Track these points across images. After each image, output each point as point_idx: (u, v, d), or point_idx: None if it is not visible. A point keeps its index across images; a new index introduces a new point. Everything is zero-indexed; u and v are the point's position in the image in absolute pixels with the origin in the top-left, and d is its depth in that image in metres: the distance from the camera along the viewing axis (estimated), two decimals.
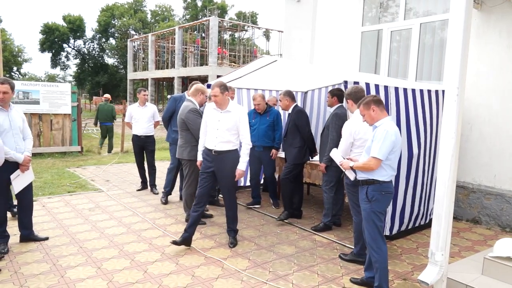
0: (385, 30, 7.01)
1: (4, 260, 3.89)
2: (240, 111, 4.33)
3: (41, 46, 45.35)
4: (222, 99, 4.25)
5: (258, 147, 5.84)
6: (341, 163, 3.58)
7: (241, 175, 4.35)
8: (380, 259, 3.27)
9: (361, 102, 3.38)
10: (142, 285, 3.46)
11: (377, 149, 3.18)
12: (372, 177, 3.28)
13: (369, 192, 3.29)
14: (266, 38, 35.69)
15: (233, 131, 4.30)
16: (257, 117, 5.90)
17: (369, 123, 3.38)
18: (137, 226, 5.03)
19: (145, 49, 30.47)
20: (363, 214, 3.37)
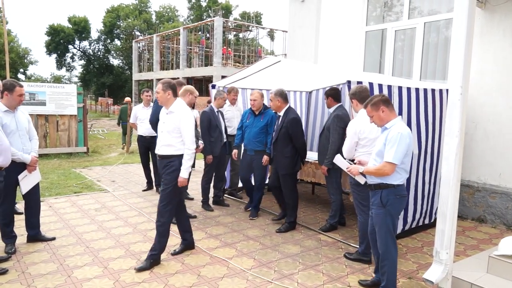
0: (390, 30, 7.00)
1: (11, 260, 3.94)
2: (182, 112, 3.84)
3: (47, 48, 45.67)
4: (163, 97, 3.84)
5: (250, 151, 5.45)
6: (349, 169, 3.41)
7: (182, 183, 3.84)
8: (389, 263, 3.21)
9: (368, 103, 3.23)
10: (148, 285, 3.49)
11: (392, 153, 3.02)
12: (386, 182, 3.14)
13: (383, 196, 3.15)
14: (270, 38, 35.70)
15: (174, 133, 3.82)
16: (251, 117, 5.49)
17: (378, 124, 3.24)
18: (143, 226, 5.07)
19: (150, 50, 30.59)
20: (376, 220, 3.23)
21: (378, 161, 3.17)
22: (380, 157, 3.15)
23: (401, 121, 3.22)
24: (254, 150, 5.38)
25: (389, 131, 3.14)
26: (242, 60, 27.49)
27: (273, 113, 5.32)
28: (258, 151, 5.36)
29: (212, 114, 5.69)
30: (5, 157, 3.65)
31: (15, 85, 4.01)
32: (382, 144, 3.14)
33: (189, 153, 3.84)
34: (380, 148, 3.16)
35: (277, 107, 4.94)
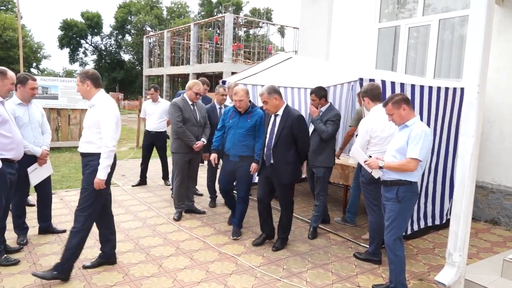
0: (403, 27, 6.90)
1: (23, 251, 3.98)
2: (102, 105, 3.43)
3: (60, 42, 46.09)
4: (82, 89, 3.50)
5: (233, 156, 4.53)
6: (368, 163, 3.31)
7: (98, 185, 3.38)
8: (396, 260, 3.22)
9: (389, 101, 3.25)
10: (157, 279, 3.49)
11: (417, 150, 3.06)
12: (404, 178, 3.17)
13: (399, 192, 3.19)
14: (280, 35, 35.57)
15: (94, 129, 3.43)
16: (235, 116, 4.57)
17: (398, 122, 3.25)
18: (152, 220, 5.08)
19: (161, 45, 30.69)
20: (390, 215, 3.25)
21: (399, 157, 3.18)
22: (401, 154, 3.17)
23: (420, 121, 3.28)
24: (239, 156, 4.48)
25: (411, 128, 3.17)
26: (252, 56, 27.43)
27: (262, 112, 4.55)
28: (244, 157, 4.49)
29: (212, 111, 5.65)
30: (17, 150, 3.67)
31: (28, 78, 4.04)
32: (404, 142, 3.15)
33: (106, 151, 3.35)
34: (402, 145, 3.17)
35: (275, 106, 4.10)
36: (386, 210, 3.31)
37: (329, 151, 4.75)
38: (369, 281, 3.63)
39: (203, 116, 5.24)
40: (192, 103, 5.10)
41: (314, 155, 4.70)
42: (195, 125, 5.08)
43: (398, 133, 3.29)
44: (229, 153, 4.58)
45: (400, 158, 3.18)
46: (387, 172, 3.25)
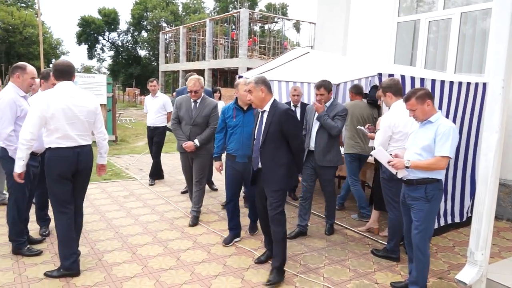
0: (423, 20, 6.78)
1: (45, 242, 4.07)
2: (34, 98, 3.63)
3: (78, 39, 46.84)
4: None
5: (241, 157, 4.12)
6: (393, 163, 3.14)
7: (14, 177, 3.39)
8: (424, 260, 3.14)
9: (411, 96, 3.11)
10: (175, 272, 3.54)
11: (447, 147, 2.95)
12: (432, 176, 3.07)
13: (428, 191, 3.07)
14: (296, 30, 35.37)
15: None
16: (239, 114, 4.18)
17: (420, 118, 3.12)
18: (170, 214, 5.14)
19: (177, 41, 30.85)
20: (419, 215, 3.11)
21: (425, 155, 3.06)
22: (427, 152, 3.05)
23: (442, 115, 3.18)
24: (248, 157, 3.95)
25: (436, 125, 3.05)
26: (267, 52, 27.34)
27: None
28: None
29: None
30: (40, 143, 3.75)
31: (51, 74, 4.11)
32: (430, 139, 3.03)
33: (21, 142, 3.22)
34: (428, 143, 3.04)
35: (259, 99, 3.46)
36: (413, 210, 3.16)
37: (338, 149, 4.53)
38: (387, 278, 3.60)
39: (205, 116, 4.73)
40: (193, 100, 4.78)
41: (322, 154, 4.39)
42: (187, 123, 4.75)
43: (420, 129, 3.15)
44: (235, 154, 4.14)
45: (426, 156, 3.05)
46: (412, 171, 3.11)
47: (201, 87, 4.73)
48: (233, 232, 4.32)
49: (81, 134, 3.37)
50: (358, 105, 5.30)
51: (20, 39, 39.24)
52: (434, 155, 3.01)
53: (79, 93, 3.40)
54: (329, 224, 4.73)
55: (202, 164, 4.83)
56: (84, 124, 3.39)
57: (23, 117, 3.58)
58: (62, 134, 3.26)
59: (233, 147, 4.18)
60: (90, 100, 3.46)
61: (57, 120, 3.23)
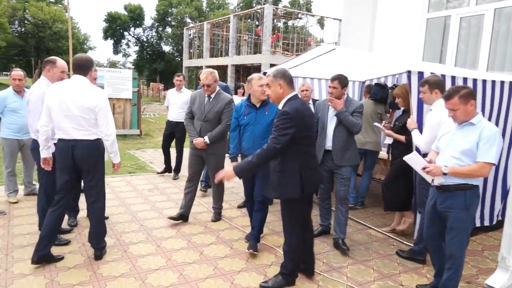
0: (454, 17, 6.59)
1: (73, 232, 4.18)
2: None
3: (104, 34, 47.75)
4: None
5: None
6: (429, 170, 2.89)
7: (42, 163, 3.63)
8: (459, 268, 2.99)
9: (453, 94, 2.85)
10: (198, 266, 3.57)
11: (492, 153, 2.75)
12: (470, 182, 2.88)
13: (467, 198, 2.88)
14: (320, 26, 35.01)
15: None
16: (251, 112, 4.00)
17: (461, 119, 2.88)
18: (193, 209, 5.15)
19: (200, 37, 31.04)
20: (456, 224, 2.92)
21: (465, 160, 2.85)
22: (468, 156, 2.85)
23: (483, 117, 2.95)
24: None
25: (479, 128, 2.84)
26: (291, 48, 27.18)
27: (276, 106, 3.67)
28: None
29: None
30: None
31: None
32: (472, 143, 2.82)
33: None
34: (469, 147, 2.82)
35: (277, 96, 3.14)
36: (448, 218, 2.96)
37: (355, 146, 4.24)
38: (413, 280, 3.53)
39: (217, 111, 4.50)
40: (207, 95, 4.56)
41: (340, 152, 4.06)
42: (199, 119, 4.55)
43: (459, 131, 2.93)
44: (247, 153, 3.89)
45: (466, 161, 2.84)
46: (450, 177, 2.89)
47: (214, 80, 4.48)
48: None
49: (78, 128, 3.35)
50: (366, 103, 5.47)
51: (50, 34, 40.28)
52: (477, 161, 2.80)
53: (81, 88, 3.36)
54: (341, 240, 4.15)
55: (216, 164, 4.57)
56: (79, 120, 3.34)
57: None
58: (57, 125, 3.40)
59: (244, 146, 4.04)
60: (89, 97, 3.35)
61: (53, 111, 3.36)
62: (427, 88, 3.67)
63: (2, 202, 5.00)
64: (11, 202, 5.00)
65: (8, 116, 4.86)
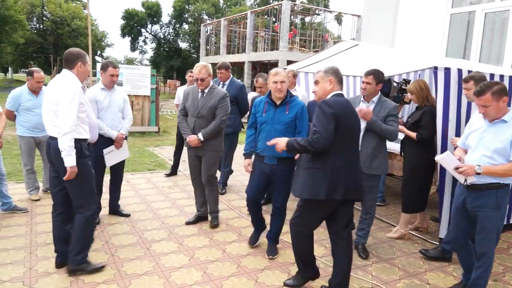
0: (478, 12, 6.43)
1: (96, 230, 4.21)
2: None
3: (122, 31, 48.25)
4: None
5: (269, 158, 3.65)
6: (463, 170, 2.80)
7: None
8: (491, 267, 2.97)
9: (486, 90, 2.75)
10: (222, 264, 3.58)
11: None
12: (503, 181, 2.83)
13: (499, 197, 2.83)
14: (337, 23, 34.65)
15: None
16: (270, 109, 3.67)
17: (492, 116, 2.80)
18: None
19: (217, 33, 31.09)
20: (487, 224, 2.87)
21: (497, 159, 2.78)
22: (500, 155, 2.77)
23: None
24: (277, 158, 3.62)
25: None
26: (308, 44, 26.99)
27: (302, 102, 3.74)
28: (282, 159, 3.62)
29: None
30: (93, 133, 3.84)
31: (108, 66, 4.26)
32: (506, 141, 2.74)
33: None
34: (502, 145, 2.75)
35: (324, 92, 2.99)
36: (479, 218, 2.91)
37: (385, 154, 3.90)
38: (439, 279, 3.47)
39: (211, 107, 4.23)
40: (201, 90, 4.30)
41: (368, 160, 3.75)
42: (192, 115, 4.29)
43: (490, 129, 2.85)
44: (263, 155, 3.67)
45: (499, 160, 2.77)
46: (481, 176, 2.82)
47: (208, 74, 4.23)
48: (258, 230, 4.05)
49: (52, 124, 3.15)
50: None
51: (68, 31, 40.92)
52: (510, 160, 2.74)
53: (57, 81, 3.16)
54: (361, 244, 3.97)
55: (209, 162, 4.33)
56: (50, 114, 3.15)
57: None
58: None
59: (260, 146, 3.69)
60: (57, 88, 3.11)
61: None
62: (472, 84, 3.58)
63: (24, 200, 5.05)
64: (33, 199, 5.05)
65: (22, 114, 4.86)
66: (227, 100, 4.32)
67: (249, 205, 3.92)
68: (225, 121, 4.29)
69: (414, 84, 4.31)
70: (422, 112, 4.15)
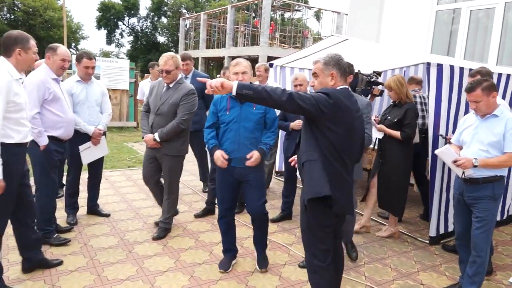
0: (464, 9, 6.44)
1: (73, 231, 3.97)
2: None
3: (98, 23, 46.96)
4: None
5: (238, 161, 3.15)
6: (461, 163, 2.86)
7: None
8: (485, 260, 3.00)
9: (476, 86, 2.84)
10: (209, 267, 3.40)
11: None
12: (499, 174, 2.93)
13: (496, 189, 2.92)
14: (316, 19, 34.70)
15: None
16: (235, 106, 3.15)
17: (483, 111, 2.89)
18: (198, 205, 5.00)
19: (197, 28, 30.64)
20: (485, 215, 2.92)
21: (492, 152, 2.87)
22: (495, 148, 2.87)
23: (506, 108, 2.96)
24: (246, 160, 3.12)
25: (503, 119, 2.86)
26: (287, 40, 26.92)
27: None
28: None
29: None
30: (67, 129, 3.60)
31: (83, 57, 3.97)
32: (498, 135, 2.84)
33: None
34: (497, 139, 2.85)
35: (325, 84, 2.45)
36: (476, 209, 2.97)
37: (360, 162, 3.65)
38: (432, 279, 3.41)
39: (172, 103, 3.71)
40: (166, 84, 3.80)
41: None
42: (152, 112, 3.81)
43: (482, 124, 2.95)
44: (231, 157, 3.15)
45: (494, 153, 2.86)
46: (478, 169, 2.91)
47: (175, 66, 3.70)
48: (229, 254, 3.45)
49: None
50: None
51: (41, 22, 39.47)
52: (505, 152, 2.83)
53: None
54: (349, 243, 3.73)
55: (169, 168, 3.86)
56: None
57: (52, 101, 3.45)
58: None
59: (227, 147, 3.15)
60: None
61: None
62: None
63: None
64: None
65: None
66: (192, 98, 3.76)
67: (221, 220, 3.36)
68: (187, 121, 3.73)
69: (394, 80, 4.10)
70: (406, 110, 4.03)
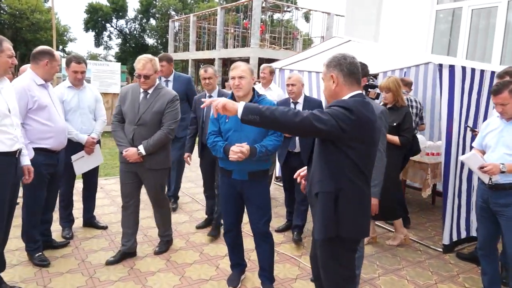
0: (465, 9, 6.33)
1: (69, 246, 3.72)
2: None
3: (85, 26, 46.36)
4: None
5: (239, 173, 2.89)
6: (488, 169, 2.77)
7: None
8: None
9: (503, 88, 2.74)
10: (217, 283, 3.19)
11: None
12: None
13: None
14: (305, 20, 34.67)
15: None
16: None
17: (510, 115, 2.79)
18: (199, 214, 4.79)
19: (186, 30, 30.38)
20: (509, 224, 2.83)
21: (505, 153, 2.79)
22: None
23: None
24: (249, 172, 2.87)
25: None
26: (278, 42, 26.83)
27: (272, 101, 3.06)
28: (255, 173, 2.89)
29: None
30: (57, 139, 3.27)
31: (71, 61, 3.71)
32: None
33: None
34: None
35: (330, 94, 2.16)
36: (503, 218, 2.85)
37: None
38: None
39: (156, 112, 3.32)
40: (143, 90, 3.37)
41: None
42: (131, 122, 3.33)
43: (509, 127, 2.83)
44: (231, 169, 2.90)
45: None
46: (506, 175, 2.80)
47: (154, 71, 3.31)
48: (238, 269, 3.22)
49: None
50: None
51: (27, 24, 38.80)
52: None
53: None
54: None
55: (155, 184, 3.48)
56: None
57: (38, 109, 3.11)
58: None
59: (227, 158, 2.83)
60: None
61: None
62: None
63: None
64: None
65: None
66: (177, 104, 3.42)
67: (227, 235, 3.12)
68: (174, 131, 3.41)
69: (392, 81, 3.95)
70: (405, 114, 3.95)
